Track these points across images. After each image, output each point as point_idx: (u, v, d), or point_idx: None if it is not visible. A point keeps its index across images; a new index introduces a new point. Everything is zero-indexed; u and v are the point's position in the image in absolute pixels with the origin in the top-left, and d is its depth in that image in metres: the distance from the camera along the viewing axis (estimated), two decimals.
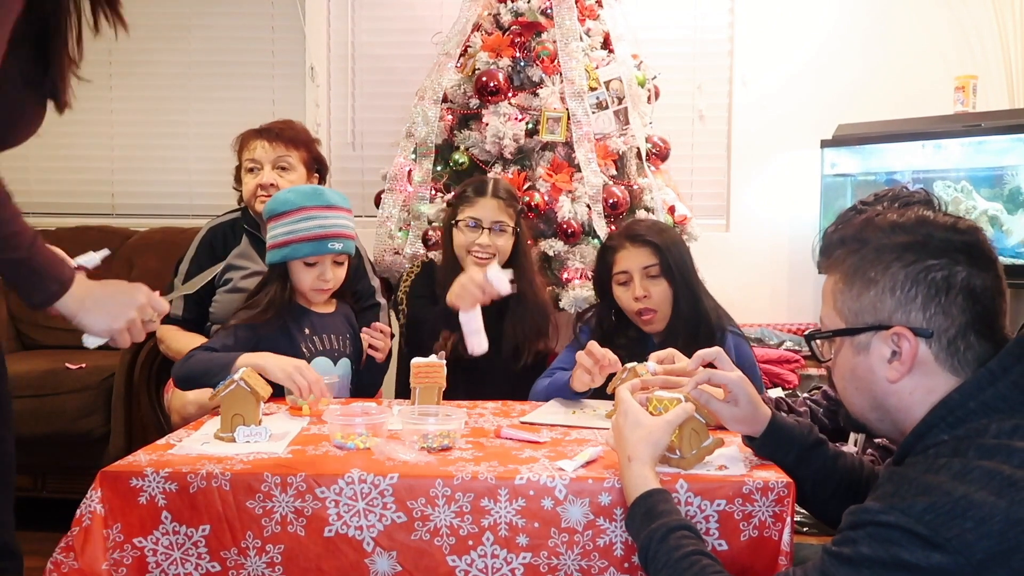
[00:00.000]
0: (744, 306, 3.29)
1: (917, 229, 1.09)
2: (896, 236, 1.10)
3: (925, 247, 1.08)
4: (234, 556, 1.34)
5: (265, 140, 2.46)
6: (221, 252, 2.47)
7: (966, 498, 0.92)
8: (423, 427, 1.51)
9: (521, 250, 2.33)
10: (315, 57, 3.68)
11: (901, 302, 1.08)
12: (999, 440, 0.97)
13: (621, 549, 1.30)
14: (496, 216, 2.26)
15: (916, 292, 1.07)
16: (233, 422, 1.52)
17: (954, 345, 1.06)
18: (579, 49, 2.82)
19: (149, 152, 3.74)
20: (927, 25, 3.45)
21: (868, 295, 1.10)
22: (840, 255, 1.15)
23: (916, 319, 1.07)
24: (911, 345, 1.07)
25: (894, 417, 1.12)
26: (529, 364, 2.25)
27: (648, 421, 1.30)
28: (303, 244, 1.98)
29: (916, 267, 1.07)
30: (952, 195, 3.03)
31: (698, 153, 3.61)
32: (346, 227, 2.04)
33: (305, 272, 2.01)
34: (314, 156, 2.56)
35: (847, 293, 1.13)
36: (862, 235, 1.13)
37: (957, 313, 1.06)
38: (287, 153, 2.46)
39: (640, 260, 2.09)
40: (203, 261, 2.44)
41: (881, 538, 0.95)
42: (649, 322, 2.10)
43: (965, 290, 1.06)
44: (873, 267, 1.10)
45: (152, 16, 3.70)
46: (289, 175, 2.46)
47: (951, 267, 1.06)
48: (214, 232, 2.52)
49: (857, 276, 1.12)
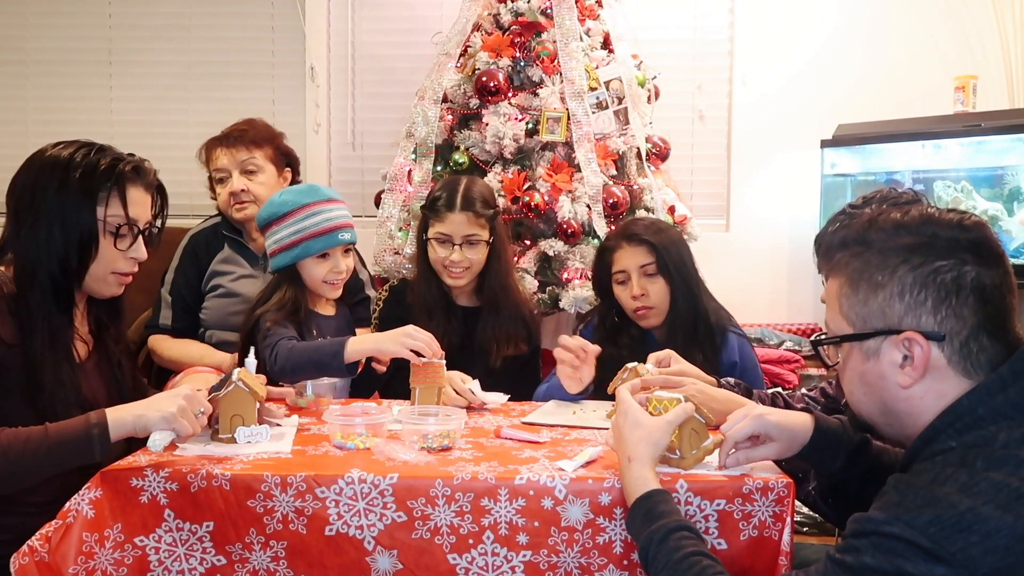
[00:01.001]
0: (744, 306, 3.29)
1: (922, 229, 1.07)
2: (901, 237, 1.07)
3: (932, 247, 1.05)
4: (239, 550, 1.34)
5: (226, 147, 2.40)
6: (205, 258, 2.43)
7: (972, 511, 0.91)
8: (423, 427, 1.51)
9: (496, 254, 2.25)
10: (315, 57, 3.68)
11: (911, 306, 1.05)
12: (1008, 450, 0.96)
13: (620, 547, 1.31)
14: (466, 231, 2.18)
15: (926, 295, 1.04)
16: (232, 423, 1.51)
17: (967, 348, 1.04)
18: (579, 49, 2.82)
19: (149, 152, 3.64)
20: (927, 25, 3.45)
21: (876, 299, 1.08)
22: (843, 258, 1.12)
23: (927, 323, 1.04)
24: (923, 350, 1.04)
25: (904, 422, 1.10)
26: (498, 367, 2.19)
27: (648, 421, 1.30)
28: (315, 240, 2.01)
29: (924, 269, 1.04)
30: (952, 195, 3.03)
31: (698, 153, 3.61)
32: (348, 217, 2.10)
33: (318, 267, 2.04)
34: (281, 151, 2.49)
35: (853, 297, 1.10)
36: (865, 237, 1.10)
37: (969, 314, 1.04)
38: (251, 156, 2.40)
39: (637, 259, 2.09)
40: (188, 269, 2.42)
41: (885, 549, 0.94)
42: (644, 316, 2.10)
43: (976, 290, 1.03)
44: (879, 270, 1.07)
45: (152, 16, 3.70)
46: (258, 177, 2.41)
47: (960, 267, 1.04)
48: (196, 239, 2.47)
49: (863, 280, 1.09)
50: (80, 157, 1.56)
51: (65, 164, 1.55)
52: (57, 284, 1.53)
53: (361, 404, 1.80)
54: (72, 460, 1.37)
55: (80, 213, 1.53)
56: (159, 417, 1.37)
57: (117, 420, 1.38)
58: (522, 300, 2.34)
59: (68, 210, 1.53)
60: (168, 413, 1.37)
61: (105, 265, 1.58)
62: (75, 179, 1.54)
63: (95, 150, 1.59)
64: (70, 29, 3.74)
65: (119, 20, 3.72)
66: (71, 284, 1.55)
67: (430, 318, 2.18)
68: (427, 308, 2.21)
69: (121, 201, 1.57)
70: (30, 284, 1.52)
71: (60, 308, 1.55)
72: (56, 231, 1.52)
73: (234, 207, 2.39)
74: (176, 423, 1.37)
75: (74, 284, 1.56)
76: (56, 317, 1.54)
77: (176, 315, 2.39)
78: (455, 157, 2.83)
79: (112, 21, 3.73)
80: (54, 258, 1.52)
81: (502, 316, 2.23)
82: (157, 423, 1.37)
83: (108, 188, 1.56)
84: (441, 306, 2.23)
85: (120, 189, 1.57)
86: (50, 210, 1.52)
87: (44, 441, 1.35)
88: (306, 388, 1.88)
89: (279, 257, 2.05)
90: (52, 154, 1.58)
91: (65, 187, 1.54)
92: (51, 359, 1.52)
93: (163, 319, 2.40)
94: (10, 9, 3.76)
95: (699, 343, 2.08)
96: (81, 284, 1.57)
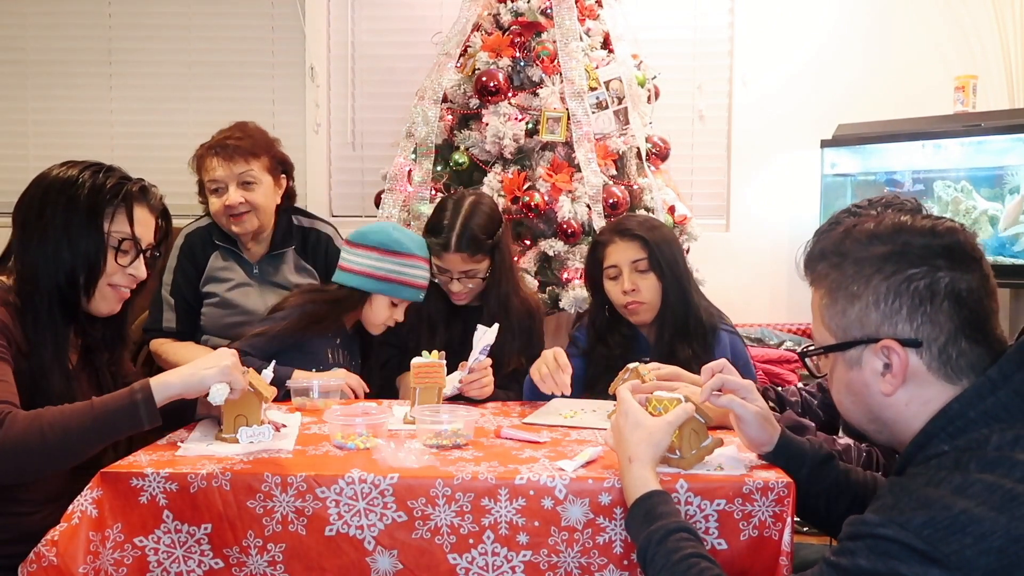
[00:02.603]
0: (744, 306, 3.30)
1: (895, 238, 1.08)
2: (874, 247, 1.09)
3: (904, 256, 1.06)
4: (236, 553, 1.34)
5: (222, 158, 2.29)
6: (201, 256, 2.39)
7: (966, 513, 0.91)
8: (437, 426, 1.54)
9: (495, 280, 2.21)
10: (315, 57, 3.68)
11: (886, 314, 1.06)
12: (1000, 452, 0.96)
13: (620, 547, 1.31)
14: (462, 267, 2.16)
15: (900, 303, 1.06)
16: (236, 423, 1.52)
17: (945, 353, 1.05)
18: (579, 49, 2.82)
19: (149, 152, 3.73)
20: (927, 25, 3.45)
21: (853, 310, 1.09)
22: (823, 270, 1.14)
23: (903, 330, 1.06)
24: (901, 357, 1.06)
25: (892, 429, 1.11)
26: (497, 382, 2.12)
27: (649, 422, 1.30)
28: (406, 288, 2.12)
29: (897, 278, 1.06)
30: (952, 195, 3.04)
31: (698, 153, 3.62)
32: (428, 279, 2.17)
33: (386, 308, 2.14)
34: (277, 159, 2.39)
35: (832, 308, 1.12)
36: (841, 248, 1.12)
37: (945, 320, 1.05)
38: (248, 167, 2.29)
39: (629, 254, 2.09)
40: (186, 268, 2.37)
41: (879, 551, 0.94)
42: (635, 312, 2.10)
43: (950, 296, 1.04)
44: (855, 281, 1.09)
45: (152, 16, 3.70)
46: (256, 189, 2.30)
47: (933, 274, 1.05)
48: (191, 238, 2.42)
49: (840, 291, 1.11)
50: (88, 176, 1.59)
51: (73, 183, 1.58)
52: (64, 296, 1.55)
53: (361, 404, 1.81)
54: (120, 429, 1.40)
55: (88, 231, 1.56)
56: (217, 371, 1.44)
57: (161, 384, 1.42)
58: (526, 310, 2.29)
59: (76, 228, 1.55)
60: (223, 366, 1.45)
61: (104, 278, 1.59)
62: (83, 197, 1.56)
63: (103, 171, 1.62)
64: (70, 29, 3.75)
65: (119, 20, 3.73)
66: (78, 297, 1.57)
67: (432, 329, 2.21)
68: (430, 320, 2.23)
69: (127, 218, 1.60)
70: (36, 294, 1.54)
71: (65, 320, 1.57)
72: (64, 248, 1.54)
73: (231, 220, 2.30)
74: (232, 376, 1.45)
75: (80, 298, 1.57)
76: (62, 329, 1.57)
77: (179, 317, 2.36)
78: (455, 157, 2.83)
79: (112, 21, 3.74)
80: (62, 272, 1.54)
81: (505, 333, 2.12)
82: (214, 376, 1.44)
83: (115, 204, 1.59)
84: (443, 317, 2.25)
85: (127, 206, 1.60)
86: (57, 228, 1.55)
87: (90, 413, 1.38)
88: (312, 391, 1.87)
89: (359, 278, 2.11)
90: (60, 173, 1.60)
91: (73, 205, 1.56)
92: (58, 369, 1.54)
93: (166, 322, 2.35)
94: (10, 9, 3.76)
95: (690, 340, 2.08)
96: (90, 297, 1.58)
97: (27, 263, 1.55)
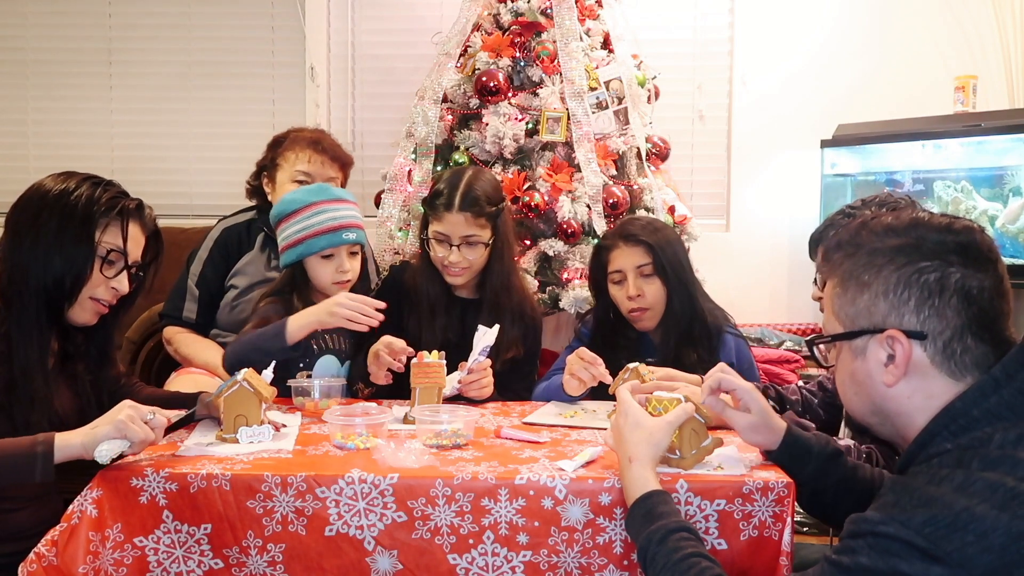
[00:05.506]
0: (744, 306, 3.29)
1: (910, 231, 1.09)
2: (889, 239, 1.09)
3: (918, 249, 1.07)
4: (236, 553, 1.34)
5: (326, 157, 2.43)
6: (235, 253, 2.42)
7: (967, 511, 0.91)
8: (437, 426, 1.54)
9: (497, 254, 2.16)
10: (315, 57, 3.68)
11: (894, 305, 1.07)
12: (1003, 450, 0.96)
13: (620, 547, 1.31)
14: (464, 231, 2.09)
15: (909, 295, 1.06)
16: (236, 423, 1.52)
17: (950, 348, 1.05)
18: (579, 49, 2.82)
19: (149, 152, 3.73)
20: (927, 25, 3.45)
21: (862, 299, 1.10)
22: (837, 259, 1.15)
23: (909, 322, 1.06)
24: (905, 348, 1.06)
25: (894, 422, 1.11)
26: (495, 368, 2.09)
27: (649, 422, 1.30)
28: (318, 238, 2.02)
29: (908, 269, 1.06)
30: (952, 195, 3.03)
31: (698, 153, 3.61)
32: (356, 218, 2.10)
33: (323, 267, 2.06)
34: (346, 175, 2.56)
35: (843, 297, 1.13)
36: (856, 239, 1.13)
37: (952, 315, 1.05)
38: (337, 175, 2.45)
39: (634, 259, 2.09)
40: (216, 261, 2.40)
41: (880, 548, 0.94)
42: (639, 319, 2.10)
43: (960, 292, 1.05)
44: (866, 271, 1.10)
45: (152, 16, 3.70)
46: None
47: (944, 268, 1.05)
48: (228, 233, 2.47)
49: (851, 280, 1.12)
50: (87, 188, 1.60)
51: (71, 192, 1.58)
52: (51, 299, 1.56)
53: (362, 404, 1.81)
54: (10, 476, 1.36)
55: (80, 239, 1.56)
56: (111, 427, 1.36)
57: (64, 442, 1.36)
58: (525, 300, 2.26)
59: (69, 234, 1.56)
60: (117, 421, 1.36)
61: (87, 288, 1.59)
62: (79, 206, 1.57)
63: (103, 184, 1.63)
64: (70, 29, 3.74)
65: (119, 20, 3.72)
66: (63, 302, 1.57)
67: (431, 313, 2.17)
68: (429, 304, 2.19)
69: (120, 231, 1.61)
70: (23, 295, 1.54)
71: (49, 324, 1.57)
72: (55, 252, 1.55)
73: None
74: (127, 429, 1.36)
75: (65, 303, 1.57)
76: (47, 332, 1.57)
77: (201, 310, 2.37)
78: (455, 157, 2.83)
79: (112, 21, 3.73)
80: (50, 275, 1.55)
81: (503, 319, 2.13)
82: (107, 432, 1.35)
83: (110, 216, 1.59)
84: (442, 302, 2.20)
85: (122, 220, 1.61)
86: (51, 232, 1.55)
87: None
88: (314, 391, 1.87)
89: (287, 254, 2.06)
90: (58, 181, 1.61)
91: (69, 212, 1.57)
92: (40, 371, 1.54)
93: (187, 312, 2.36)
94: (10, 9, 3.76)
95: (695, 344, 2.07)
96: (73, 303, 1.58)
97: (16, 264, 1.55)
